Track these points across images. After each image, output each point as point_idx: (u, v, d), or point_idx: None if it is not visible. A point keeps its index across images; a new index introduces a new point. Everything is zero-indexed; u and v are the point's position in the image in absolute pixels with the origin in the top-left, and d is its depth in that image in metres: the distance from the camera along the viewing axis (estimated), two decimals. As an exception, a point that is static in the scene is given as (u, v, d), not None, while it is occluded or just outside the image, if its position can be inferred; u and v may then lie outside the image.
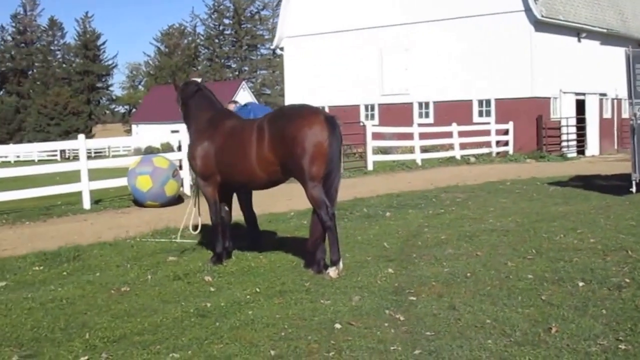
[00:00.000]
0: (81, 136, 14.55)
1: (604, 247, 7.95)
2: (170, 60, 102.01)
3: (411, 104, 33.56)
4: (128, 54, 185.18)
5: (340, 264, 7.07)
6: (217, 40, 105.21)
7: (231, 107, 9.22)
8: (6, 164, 45.88)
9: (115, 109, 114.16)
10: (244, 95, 72.46)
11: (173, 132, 43.92)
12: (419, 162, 24.43)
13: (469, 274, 6.85)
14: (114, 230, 11.02)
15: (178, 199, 14.62)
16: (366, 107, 35.47)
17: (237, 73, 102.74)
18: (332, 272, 7.00)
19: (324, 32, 35.79)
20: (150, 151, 46.85)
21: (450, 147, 27.27)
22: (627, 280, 6.35)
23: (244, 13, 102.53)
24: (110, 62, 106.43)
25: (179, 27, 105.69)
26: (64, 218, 13.06)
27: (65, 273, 7.70)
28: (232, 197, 8.40)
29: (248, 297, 6.31)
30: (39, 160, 50.77)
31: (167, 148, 42.32)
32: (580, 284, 6.33)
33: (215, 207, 7.98)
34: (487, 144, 28.74)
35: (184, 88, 8.51)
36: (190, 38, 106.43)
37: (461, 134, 27.63)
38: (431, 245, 8.56)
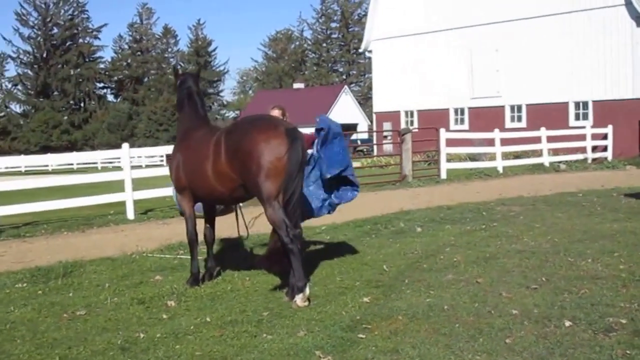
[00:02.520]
0: (125, 145, 14.49)
1: (629, 275, 6.99)
2: (277, 65, 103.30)
3: (503, 107, 32.23)
4: (239, 60, 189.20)
5: (307, 290, 6.42)
6: (324, 45, 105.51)
7: (275, 112, 8.31)
8: (94, 170, 47.65)
9: (226, 114, 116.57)
10: (346, 100, 72.35)
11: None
12: (500, 169, 23.19)
13: (447, 307, 6.07)
14: (142, 242, 10.79)
15: (223, 211, 14.29)
16: (455, 110, 34.36)
17: (344, 77, 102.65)
18: (298, 300, 6.37)
19: (412, 33, 35.01)
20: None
21: (539, 153, 25.75)
22: (623, 322, 5.42)
23: (351, 17, 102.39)
24: (221, 68, 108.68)
25: (286, 32, 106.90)
26: (103, 229, 12.99)
27: (40, 292, 7.46)
28: (215, 212, 7.90)
29: (192, 327, 5.80)
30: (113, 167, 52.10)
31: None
32: (567, 323, 5.45)
33: (190, 222, 7.52)
34: (583, 150, 26.95)
35: (180, 85, 7.94)
36: (297, 43, 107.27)
37: (553, 138, 26.00)
38: (436, 269, 7.79)
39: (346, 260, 8.55)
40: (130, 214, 13.94)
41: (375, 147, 37.91)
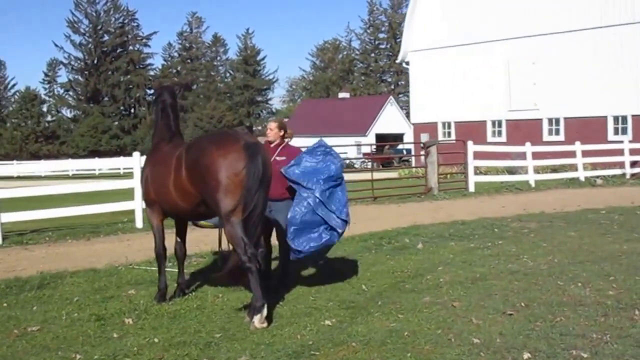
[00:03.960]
0: (136, 154, 14.44)
1: (614, 303, 6.61)
2: (324, 74, 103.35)
3: (540, 120, 31.48)
4: (288, 69, 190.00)
5: (265, 310, 6.15)
6: (372, 55, 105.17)
7: (271, 126, 7.96)
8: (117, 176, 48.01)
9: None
10: (391, 110, 71.83)
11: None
12: (532, 183, 22.56)
13: (407, 334, 5.77)
14: (142, 253, 10.66)
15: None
16: (493, 123, 33.72)
17: (392, 87, 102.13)
18: (256, 321, 6.12)
19: (449, 45, 34.52)
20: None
21: (577, 167, 24.99)
22: (584, 356, 5.06)
23: (398, 27, 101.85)
24: (271, 76, 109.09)
25: (334, 41, 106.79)
26: (109, 237, 12.92)
27: (5, 304, 7.35)
28: (186, 228, 7.71)
29: (135, 348, 5.60)
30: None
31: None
32: (526, 356, 5.13)
33: (159, 236, 7.35)
34: (621, 165, 26.08)
35: (156, 98, 7.82)
36: (345, 52, 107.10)
37: (589, 153, 25.22)
38: (417, 290, 7.47)
39: (330, 278, 8.27)
40: (139, 222, 13.86)
41: (413, 158, 37.45)
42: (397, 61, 42.77)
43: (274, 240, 7.95)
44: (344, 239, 11.53)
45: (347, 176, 24.08)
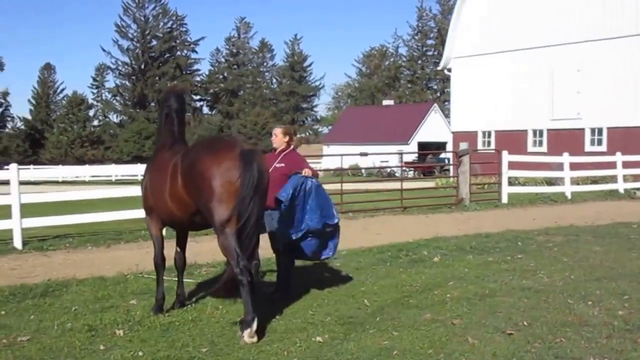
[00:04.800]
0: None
1: (622, 324, 6.38)
2: (370, 81, 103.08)
3: (583, 129, 30.75)
4: (334, 76, 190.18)
5: (254, 325, 6.01)
6: (419, 62, 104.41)
7: (276, 132, 7.93)
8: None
9: (319, 129, 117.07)
10: (435, 118, 71.19)
11: (362, 154, 44.29)
12: (568, 195, 22.00)
13: (396, 352, 5.60)
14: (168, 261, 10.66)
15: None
16: (534, 132, 33.09)
17: (438, 95, 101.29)
18: (246, 335, 5.98)
19: (492, 52, 34.02)
20: (339, 173, 47.36)
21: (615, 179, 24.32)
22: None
23: (447, 34, 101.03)
24: (317, 83, 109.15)
25: (381, 48, 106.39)
26: (129, 245, 12.90)
27: (3, 312, 7.34)
28: (186, 237, 7.62)
29: (116, 363, 5.53)
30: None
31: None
32: (513, 381, 4.87)
33: (158, 245, 7.27)
34: (666, 176, 25.31)
35: (162, 102, 7.77)
36: (391, 59, 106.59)
37: (631, 164, 24.51)
38: (421, 306, 7.26)
39: (334, 291, 8.12)
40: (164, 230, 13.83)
41: (451, 167, 36.97)
42: (439, 68, 42.33)
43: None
44: (362, 250, 11.43)
45: (379, 185, 23.87)
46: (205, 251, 10.85)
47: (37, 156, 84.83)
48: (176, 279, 8.08)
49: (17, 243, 12.56)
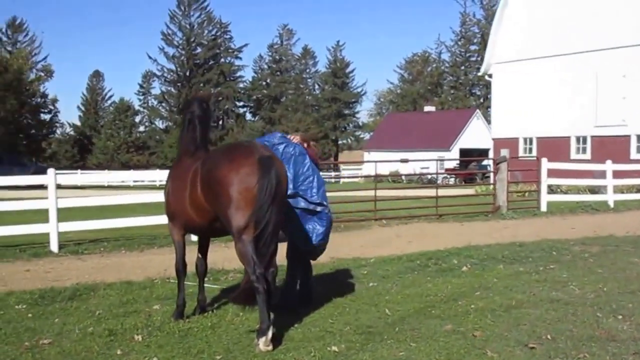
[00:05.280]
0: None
1: (654, 340, 6.08)
2: (412, 87, 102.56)
3: (628, 136, 30.08)
4: (376, 82, 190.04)
5: (270, 333, 5.97)
6: (462, 68, 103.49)
7: (295, 140, 7.95)
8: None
9: (361, 136, 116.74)
10: (477, 124, 70.56)
11: (402, 161, 44.04)
12: (610, 203, 21.54)
13: (410, 365, 5.48)
14: (190, 266, 10.63)
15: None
16: (577, 139, 32.48)
17: (481, 101, 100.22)
18: (261, 344, 5.94)
19: (534, 57, 33.54)
20: (379, 180, 47.28)
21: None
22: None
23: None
24: (359, 89, 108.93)
25: (423, 54, 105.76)
26: (163, 249, 13.00)
27: (30, 315, 7.44)
28: (208, 243, 7.63)
29: (130, 368, 5.55)
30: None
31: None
32: (529, 396, 4.74)
33: (179, 251, 7.29)
34: None
35: (184, 109, 7.81)
36: (434, 65, 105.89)
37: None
38: (443, 317, 7.13)
39: (357, 300, 8.04)
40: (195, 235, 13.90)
41: (492, 174, 36.53)
42: (479, 74, 41.88)
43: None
44: (391, 258, 11.32)
45: (415, 192, 23.63)
46: (234, 257, 10.80)
47: (84, 161, 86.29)
48: (205, 285, 8.19)
49: (54, 246, 12.79)
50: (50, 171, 12.94)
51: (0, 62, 61.30)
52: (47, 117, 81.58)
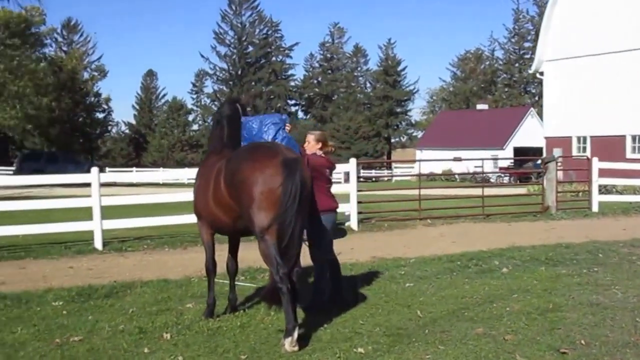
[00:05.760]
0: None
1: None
2: (465, 85, 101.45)
3: (686, 135, 29.14)
4: (429, 80, 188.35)
5: (295, 333, 5.94)
6: (516, 65, 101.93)
7: (309, 138, 8.00)
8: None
9: (414, 134, 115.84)
10: (531, 123, 69.34)
11: (455, 159, 43.71)
12: (665, 204, 20.91)
13: (435, 369, 5.38)
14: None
15: (337, 234, 14.09)
16: (633, 138, 31.61)
17: (536, 98, 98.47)
18: (287, 344, 5.93)
19: (588, 54, 32.69)
20: (432, 178, 46.86)
21: None
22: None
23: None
24: (411, 87, 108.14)
25: (476, 51, 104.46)
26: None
27: (65, 312, 7.56)
28: (237, 242, 7.63)
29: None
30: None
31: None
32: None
33: (209, 250, 7.32)
34: None
35: (217, 109, 7.94)
36: (487, 62, 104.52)
37: None
38: (476, 319, 6.99)
39: (391, 300, 7.94)
40: (241, 234, 13.98)
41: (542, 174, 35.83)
42: (530, 71, 41.12)
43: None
44: (431, 259, 11.18)
45: (461, 191, 23.26)
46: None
47: (139, 159, 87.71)
48: (240, 283, 8.50)
49: (98, 244, 12.99)
50: (94, 170, 13.15)
51: (55, 62, 62.58)
52: (101, 116, 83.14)
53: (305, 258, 7.54)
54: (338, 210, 8.17)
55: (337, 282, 7.77)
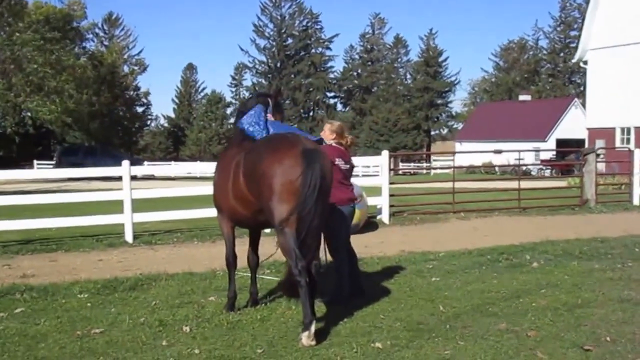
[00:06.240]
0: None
1: None
2: (507, 76, 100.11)
3: None
4: (470, 71, 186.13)
5: (313, 327, 5.87)
6: (561, 54, 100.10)
7: (325, 128, 7.88)
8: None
9: (454, 126, 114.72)
10: (575, 114, 68.04)
11: (496, 151, 43.17)
12: None
13: (453, 365, 5.26)
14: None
15: (368, 227, 14.06)
16: (679, 129, 30.78)
17: (581, 89, 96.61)
18: (304, 338, 5.87)
19: (632, 42, 31.92)
20: (472, 171, 46.37)
21: None
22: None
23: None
24: (452, 78, 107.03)
25: (520, 41, 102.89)
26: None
27: (89, 304, 7.59)
28: (258, 236, 7.58)
29: (171, 359, 5.57)
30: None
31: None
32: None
33: (229, 244, 7.28)
34: None
35: (242, 104, 7.86)
36: (531, 52, 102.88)
37: None
38: (500, 315, 6.85)
39: (415, 295, 7.82)
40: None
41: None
42: (574, 61, 40.33)
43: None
44: (461, 253, 10.99)
45: (493, 184, 22.86)
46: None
47: (177, 153, 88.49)
48: (264, 276, 8.54)
49: (129, 237, 13.08)
50: (125, 163, 13.22)
51: (95, 56, 63.37)
52: (140, 110, 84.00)
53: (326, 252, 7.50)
54: (370, 203, 8.08)
55: (355, 275, 7.68)
